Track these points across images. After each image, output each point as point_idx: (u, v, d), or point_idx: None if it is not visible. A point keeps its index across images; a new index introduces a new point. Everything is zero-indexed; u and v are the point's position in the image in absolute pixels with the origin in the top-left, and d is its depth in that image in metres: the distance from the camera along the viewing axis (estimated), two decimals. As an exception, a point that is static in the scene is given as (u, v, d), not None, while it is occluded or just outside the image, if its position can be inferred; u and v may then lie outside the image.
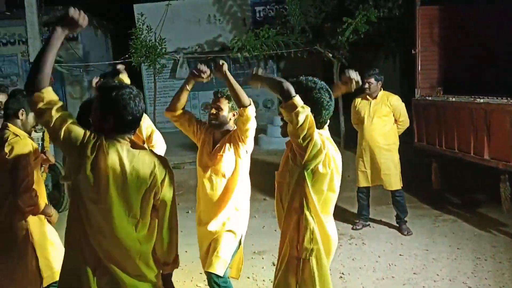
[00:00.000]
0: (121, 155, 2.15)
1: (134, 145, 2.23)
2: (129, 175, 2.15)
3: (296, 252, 2.41)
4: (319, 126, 2.45)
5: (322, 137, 2.40)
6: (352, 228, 5.70)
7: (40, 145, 6.83)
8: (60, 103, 2.10)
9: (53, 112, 2.06)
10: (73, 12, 2.08)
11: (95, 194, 2.12)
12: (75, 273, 2.16)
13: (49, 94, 2.06)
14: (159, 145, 3.75)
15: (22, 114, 3.18)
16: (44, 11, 9.76)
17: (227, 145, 3.33)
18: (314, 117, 2.31)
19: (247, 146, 3.34)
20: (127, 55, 10.66)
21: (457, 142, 6.19)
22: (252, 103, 3.18)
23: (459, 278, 4.36)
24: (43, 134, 6.73)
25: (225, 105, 3.37)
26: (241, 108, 3.17)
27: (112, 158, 2.13)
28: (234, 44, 10.12)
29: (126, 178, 2.14)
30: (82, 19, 2.12)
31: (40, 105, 2.05)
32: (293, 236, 2.42)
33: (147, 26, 10.50)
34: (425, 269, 4.56)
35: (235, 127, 3.38)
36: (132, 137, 2.25)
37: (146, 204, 2.21)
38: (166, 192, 2.26)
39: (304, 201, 2.39)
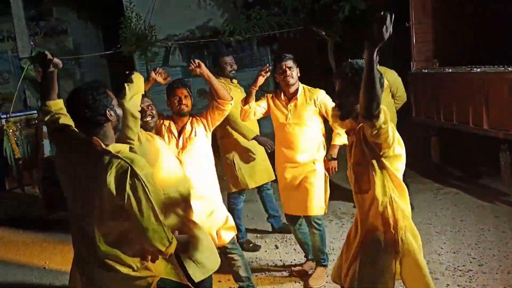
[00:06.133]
0: (82, 155, 2.23)
1: (94, 145, 2.19)
2: (85, 175, 2.19)
3: (392, 234, 2.46)
4: None
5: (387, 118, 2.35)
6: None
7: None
8: (60, 112, 2.51)
9: (52, 118, 2.51)
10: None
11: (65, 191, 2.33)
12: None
13: (55, 105, 2.53)
14: None
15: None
16: (31, 5, 9.62)
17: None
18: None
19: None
20: (118, 46, 10.54)
21: (455, 114, 6.16)
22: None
23: (463, 250, 4.37)
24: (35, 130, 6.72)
25: None
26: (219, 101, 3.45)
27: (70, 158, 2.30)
28: (225, 27, 9.99)
29: (83, 177, 2.20)
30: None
31: (48, 114, 2.53)
32: (387, 219, 2.46)
33: (136, 15, 10.35)
34: (428, 243, 4.55)
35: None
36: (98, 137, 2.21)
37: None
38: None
39: (389, 184, 2.45)
